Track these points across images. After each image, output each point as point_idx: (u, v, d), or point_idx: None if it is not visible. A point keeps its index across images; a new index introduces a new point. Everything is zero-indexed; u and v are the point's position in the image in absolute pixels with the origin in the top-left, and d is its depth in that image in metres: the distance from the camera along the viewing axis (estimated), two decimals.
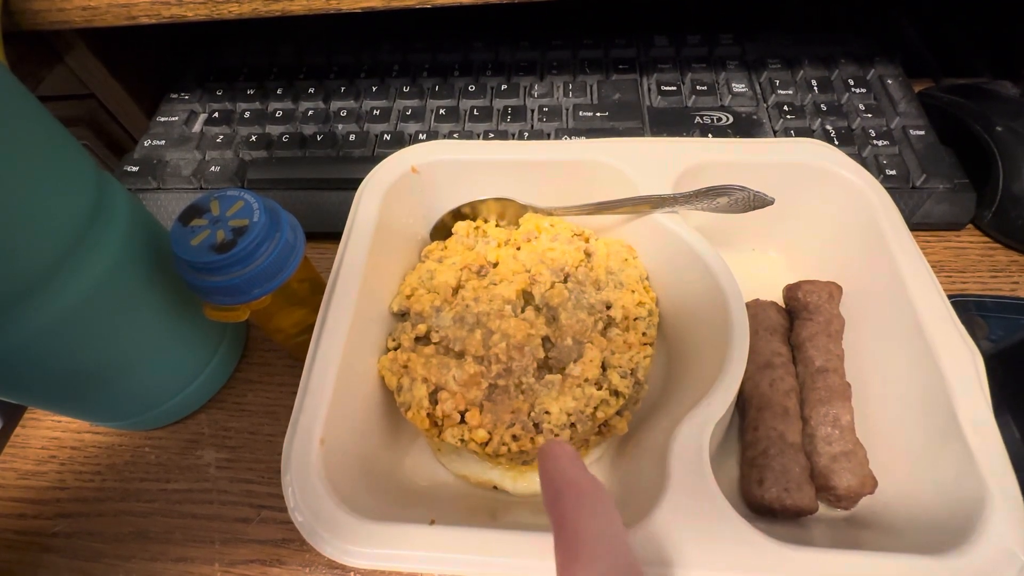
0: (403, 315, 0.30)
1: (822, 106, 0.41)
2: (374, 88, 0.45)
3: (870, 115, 0.40)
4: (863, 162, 0.38)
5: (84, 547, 0.30)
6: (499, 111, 0.43)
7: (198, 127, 0.45)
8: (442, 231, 0.34)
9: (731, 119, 0.41)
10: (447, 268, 0.31)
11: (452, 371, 0.27)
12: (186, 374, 0.32)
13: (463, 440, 0.26)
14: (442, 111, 0.43)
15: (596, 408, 0.26)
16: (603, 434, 0.27)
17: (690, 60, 0.46)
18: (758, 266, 0.35)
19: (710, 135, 0.40)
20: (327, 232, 0.38)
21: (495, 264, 0.31)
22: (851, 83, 0.42)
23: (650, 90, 0.44)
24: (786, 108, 0.41)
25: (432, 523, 0.22)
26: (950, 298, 0.26)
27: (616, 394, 0.27)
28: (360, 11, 0.37)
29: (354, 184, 0.32)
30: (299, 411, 0.24)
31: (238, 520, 0.30)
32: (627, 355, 0.28)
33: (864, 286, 0.30)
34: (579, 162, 0.32)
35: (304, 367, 0.25)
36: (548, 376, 0.27)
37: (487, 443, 0.26)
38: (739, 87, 0.43)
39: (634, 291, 0.30)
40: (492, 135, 0.42)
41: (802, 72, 0.44)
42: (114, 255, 0.25)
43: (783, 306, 0.33)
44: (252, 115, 0.44)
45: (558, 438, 0.25)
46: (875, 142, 0.39)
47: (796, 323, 0.31)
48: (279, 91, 0.46)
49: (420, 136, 0.42)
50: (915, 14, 0.51)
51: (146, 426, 0.33)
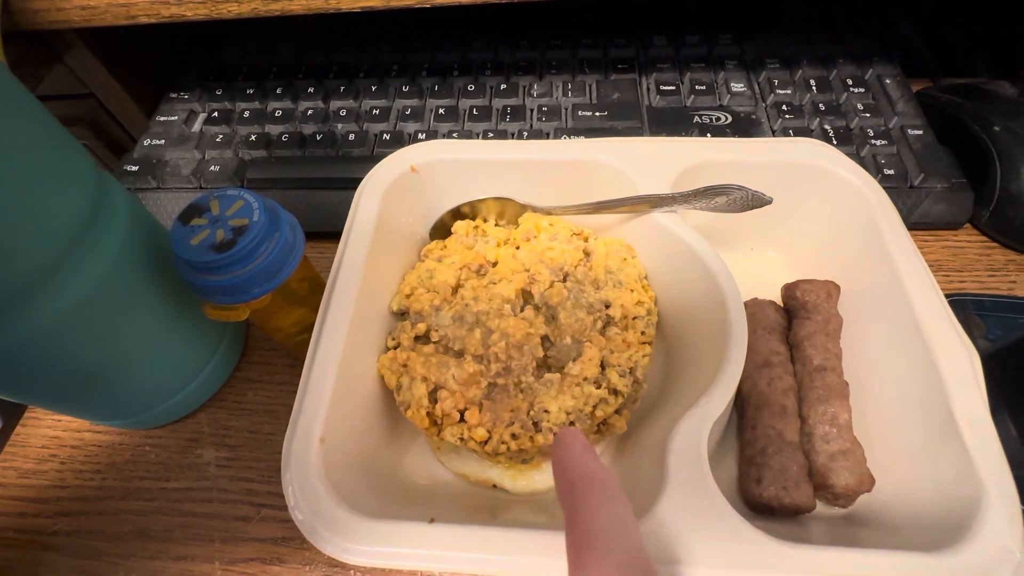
0: (403, 314, 0.30)
1: (820, 106, 0.41)
2: (373, 87, 0.45)
3: (868, 115, 0.40)
4: (861, 162, 0.38)
5: (84, 545, 0.30)
6: (498, 111, 0.43)
7: (198, 126, 0.45)
8: (441, 230, 0.34)
9: (730, 119, 0.41)
10: (446, 267, 0.31)
11: (451, 370, 0.27)
12: (186, 373, 0.32)
13: (462, 439, 0.26)
14: (441, 111, 0.43)
15: (595, 407, 0.27)
16: (602, 433, 0.27)
17: (689, 60, 0.46)
18: (756, 265, 0.35)
19: (709, 135, 0.40)
20: (326, 231, 0.38)
21: (494, 263, 0.31)
22: (849, 83, 0.42)
23: (649, 90, 0.44)
24: (785, 108, 0.41)
25: (432, 521, 0.22)
26: (948, 297, 0.27)
27: (615, 393, 0.27)
28: (359, 10, 0.37)
29: (353, 183, 0.32)
30: (299, 410, 0.24)
31: (238, 518, 0.30)
32: (626, 354, 0.28)
33: (862, 285, 0.30)
34: (578, 162, 0.32)
35: (304, 366, 0.25)
36: (547, 375, 0.27)
37: (486, 442, 0.26)
38: (738, 87, 0.43)
39: (633, 290, 0.30)
40: (491, 135, 0.42)
41: (801, 72, 0.44)
42: (114, 255, 0.25)
43: (781, 305, 0.33)
44: (251, 114, 0.44)
45: (572, 427, 0.25)
46: (873, 142, 0.39)
47: (794, 322, 0.31)
48: (278, 91, 0.46)
49: (419, 135, 0.42)
50: (914, 14, 0.51)
51: (146, 425, 0.33)
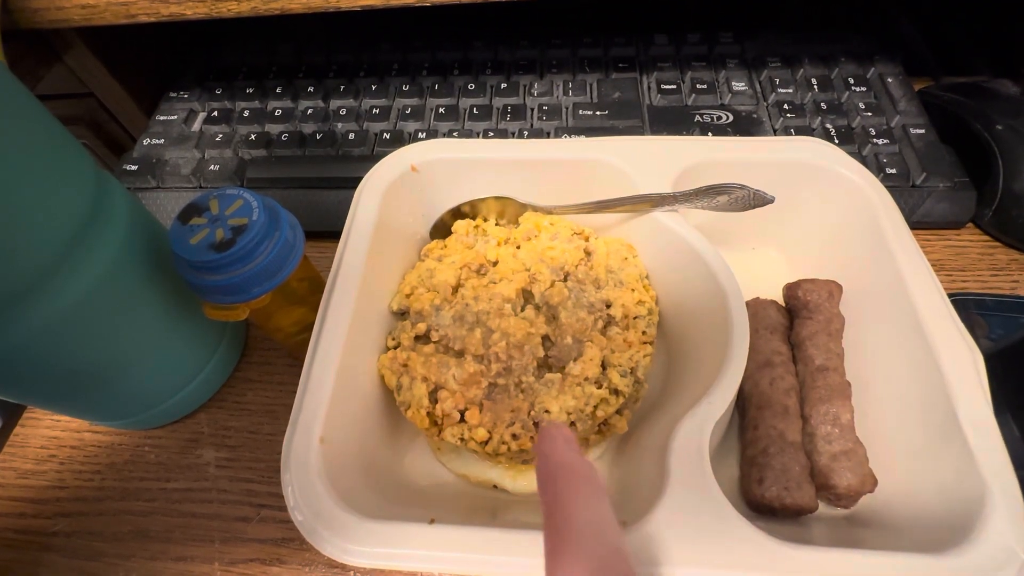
0: (403, 314, 0.30)
1: (822, 104, 0.41)
2: (373, 87, 0.45)
3: (870, 113, 0.40)
4: (863, 161, 0.38)
5: (84, 546, 0.30)
6: (499, 110, 0.43)
7: (197, 126, 0.45)
8: (442, 230, 0.34)
9: (731, 118, 0.41)
10: (447, 267, 0.31)
11: (452, 370, 0.27)
12: (186, 373, 0.32)
13: (463, 439, 0.26)
14: (442, 110, 0.43)
15: (596, 407, 0.26)
16: (603, 433, 0.27)
17: (690, 59, 0.46)
18: (758, 265, 0.35)
19: (710, 134, 0.40)
20: (326, 231, 0.38)
21: (495, 263, 0.31)
22: (851, 82, 0.42)
23: (650, 89, 0.44)
24: (786, 107, 0.41)
25: (432, 522, 0.22)
26: (950, 297, 0.26)
27: (616, 393, 0.27)
28: (359, 9, 0.37)
29: (353, 183, 0.32)
30: (299, 410, 0.24)
31: (238, 519, 0.30)
32: (627, 354, 0.28)
33: (864, 285, 0.30)
34: (579, 161, 0.32)
35: (304, 366, 0.25)
36: (548, 375, 0.27)
37: (487, 442, 0.26)
38: (739, 86, 0.43)
39: (634, 290, 0.30)
40: (492, 134, 0.42)
41: (802, 71, 0.44)
42: (113, 254, 0.25)
43: (783, 305, 0.33)
44: (251, 114, 0.44)
45: (557, 422, 0.25)
46: (875, 140, 0.39)
47: (796, 322, 0.31)
48: (278, 90, 0.46)
49: (420, 135, 0.42)
50: (915, 13, 0.51)
51: (146, 425, 0.33)
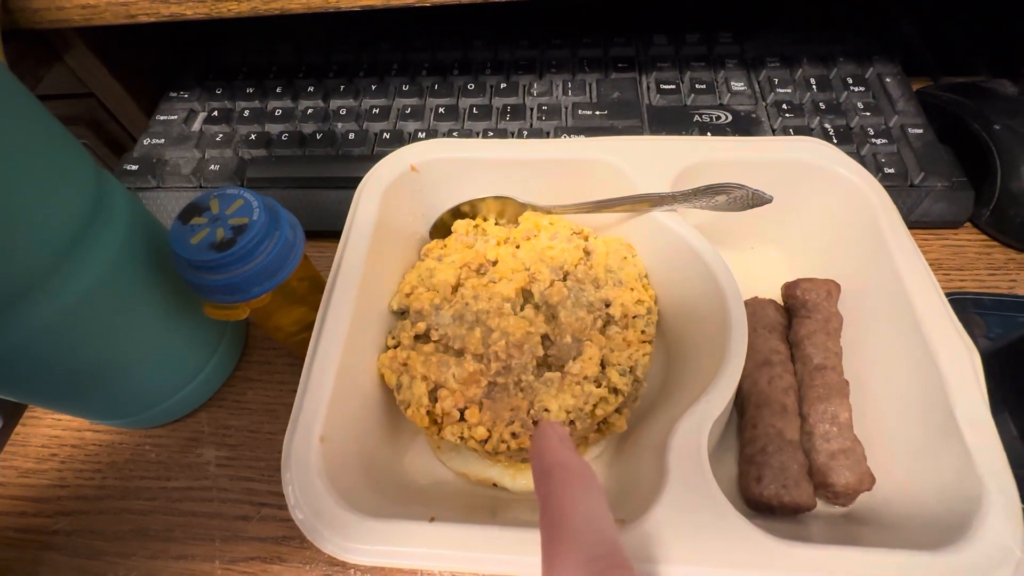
0: (403, 313, 0.30)
1: (821, 104, 0.41)
2: (373, 87, 0.45)
3: (869, 113, 0.40)
4: (862, 160, 0.38)
5: (85, 545, 0.30)
6: (498, 109, 0.43)
7: (197, 126, 0.45)
8: (441, 229, 0.34)
9: (730, 117, 0.41)
10: (446, 266, 0.31)
11: (452, 369, 0.27)
12: (186, 372, 0.32)
13: (463, 438, 0.26)
14: (441, 109, 0.43)
15: (595, 406, 0.27)
16: (602, 432, 0.27)
17: (689, 59, 0.46)
18: (757, 264, 0.35)
19: (709, 133, 0.40)
20: (326, 231, 0.38)
21: (494, 262, 0.31)
22: (850, 81, 0.42)
23: (649, 89, 0.44)
24: (785, 106, 0.41)
25: (432, 520, 0.22)
26: (948, 296, 0.27)
27: (615, 392, 0.27)
28: (359, 9, 0.37)
29: (353, 183, 0.32)
30: (299, 409, 0.24)
31: (238, 518, 0.30)
32: (626, 353, 0.28)
33: (862, 284, 0.30)
34: (578, 160, 0.32)
35: (304, 365, 0.25)
36: (547, 374, 0.27)
37: (486, 441, 0.26)
38: (738, 86, 0.43)
39: (633, 289, 0.30)
40: (491, 133, 0.42)
41: (801, 71, 0.44)
42: (114, 254, 0.25)
43: (781, 304, 0.33)
44: (251, 114, 0.44)
45: (552, 420, 0.25)
46: (874, 140, 0.39)
47: (794, 321, 0.31)
48: (278, 90, 0.46)
49: (419, 135, 0.42)
50: (914, 13, 0.51)
51: (146, 424, 0.33)
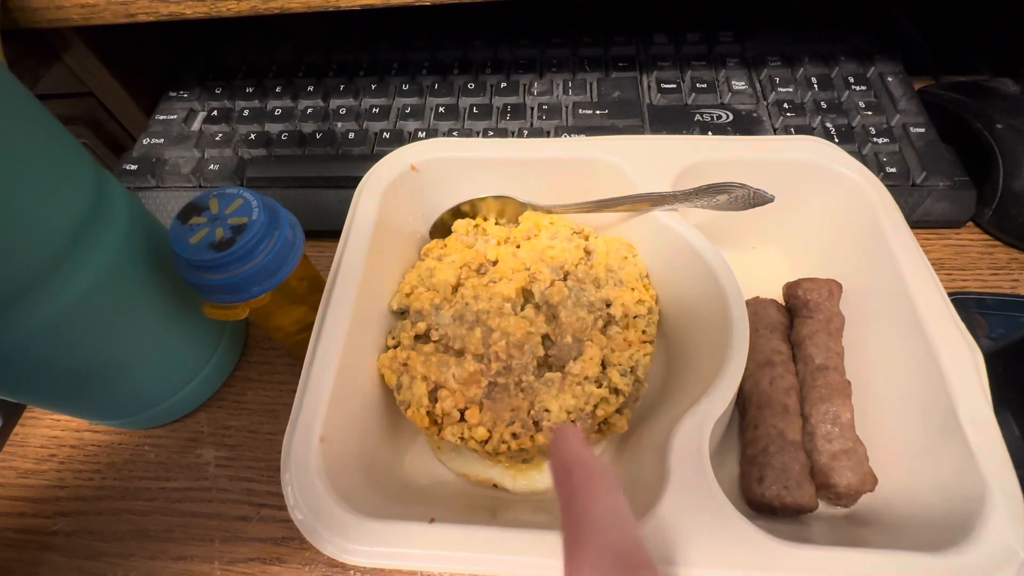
0: (403, 313, 0.30)
1: (822, 104, 0.41)
2: (373, 86, 0.45)
3: (870, 113, 0.40)
4: (863, 160, 0.38)
5: (84, 545, 0.30)
6: (499, 109, 0.43)
7: (197, 125, 0.45)
8: (441, 229, 0.34)
9: (731, 117, 0.41)
10: (447, 266, 0.31)
11: (452, 369, 0.27)
12: (185, 372, 0.32)
13: (463, 438, 0.26)
14: (441, 109, 0.43)
15: (596, 406, 0.26)
16: (603, 432, 0.27)
17: (690, 58, 0.45)
18: (758, 264, 0.35)
19: (710, 133, 0.40)
20: (326, 230, 0.38)
21: (495, 262, 0.31)
22: (851, 81, 0.42)
23: (650, 88, 0.44)
24: (786, 106, 0.41)
25: (432, 521, 0.22)
26: (950, 296, 0.26)
27: (616, 392, 0.27)
28: (359, 8, 0.37)
29: (353, 182, 0.32)
30: (299, 409, 0.24)
31: (238, 518, 0.30)
32: (627, 353, 0.28)
33: (864, 284, 0.30)
34: (579, 160, 0.32)
35: (304, 365, 0.25)
36: (548, 374, 0.27)
37: (487, 441, 0.26)
38: (739, 85, 0.43)
39: (634, 289, 0.30)
40: (492, 133, 0.42)
41: (802, 70, 0.43)
42: (113, 253, 0.25)
43: (783, 304, 0.33)
44: (251, 113, 0.44)
45: (570, 423, 0.25)
46: (875, 140, 0.39)
47: (796, 321, 0.31)
48: (278, 89, 0.46)
49: (419, 134, 0.42)
50: (915, 12, 0.51)
51: (145, 424, 0.33)
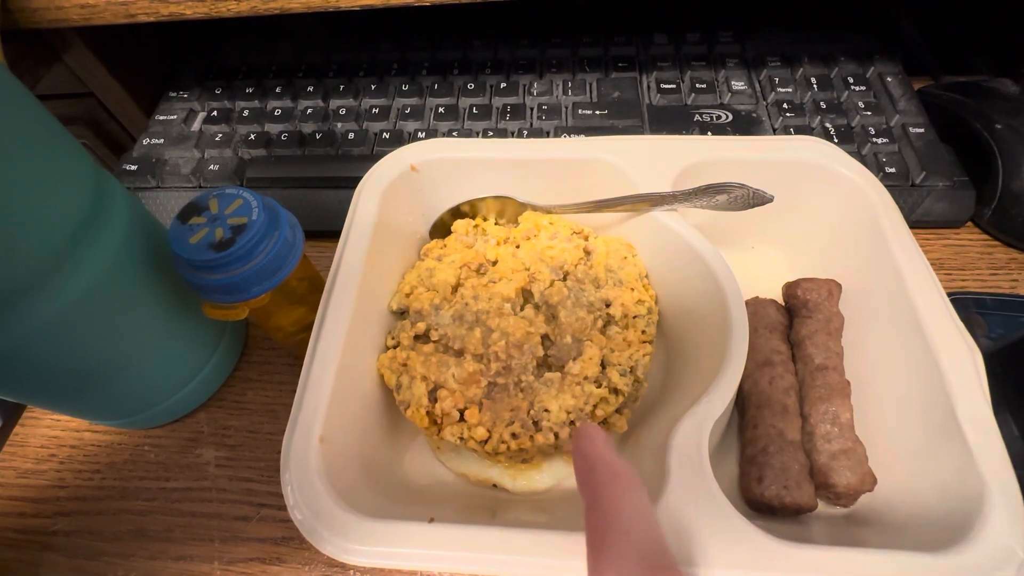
0: (402, 313, 0.30)
1: (822, 104, 0.41)
2: (373, 86, 0.45)
3: (870, 113, 0.40)
4: (863, 160, 0.38)
5: (84, 545, 0.30)
6: (498, 109, 0.43)
7: (197, 125, 0.45)
8: (441, 229, 0.34)
9: (731, 117, 0.41)
10: (446, 266, 0.31)
11: (451, 369, 0.27)
12: (185, 372, 0.32)
13: (462, 438, 0.26)
14: (441, 109, 0.43)
15: (595, 406, 0.26)
16: None
17: (689, 58, 0.45)
18: (757, 264, 0.35)
19: (709, 133, 0.40)
20: (326, 230, 0.38)
21: (494, 262, 0.31)
22: (851, 81, 0.42)
23: (649, 88, 0.44)
24: (786, 106, 0.41)
25: (431, 521, 0.22)
26: (949, 296, 0.26)
27: (615, 392, 0.27)
28: (359, 9, 0.37)
29: (353, 182, 0.32)
30: (298, 409, 0.24)
31: (237, 518, 0.30)
32: (626, 353, 0.28)
33: (864, 284, 0.30)
34: (578, 160, 0.32)
35: (303, 365, 0.25)
36: (547, 374, 0.27)
37: (486, 441, 0.26)
38: (739, 85, 0.43)
39: (633, 289, 0.30)
40: (491, 133, 0.42)
41: (802, 70, 0.43)
42: (113, 253, 0.25)
43: (782, 304, 0.33)
44: (251, 113, 0.44)
45: (591, 423, 0.25)
46: (875, 140, 0.39)
47: (795, 321, 0.31)
48: (278, 89, 0.46)
49: (419, 134, 0.42)
50: (914, 12, 0.51)
51: (145, 424, 0.33)
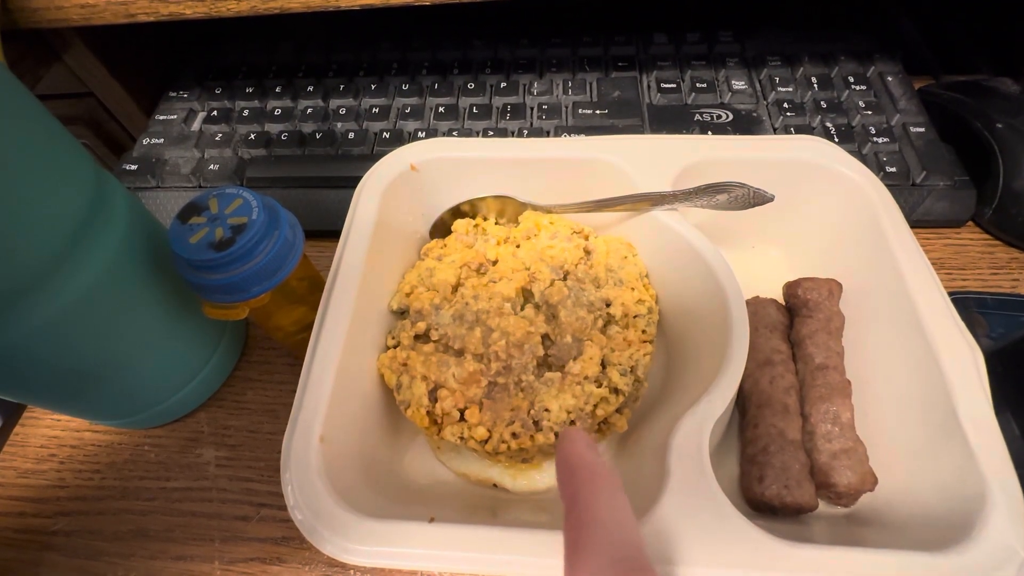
0: (402, 313, 0.30)
1: (822, 103, 0.41)
2: (373, 86, 0.45)
3: (870, 112, 0.40)
4: (863, 159, 0.37)
5: (84, 545, 0.30)
6: (498, 109, 0.43)
7: (197, 125, 0.45)
8: (441, 229, 0.34)
9: (731, 116, 0.41)
10: (446, 266, 0.31)
11: (452, 369, 0.27)
12: (185, 372, 0.32)
13: (463, 438, 0.26)
14: (441, 109, 0.43)
15: (596, 406, 0.26)
16: (603, 432, 0.27)
17: (690, 57, 0.45)
18: (758, 263, 0.35)
19: (710, 132, 0.40)
20: (326, 230, 0.38)
21: (494, 262, 0.31)
22: (851, 80, 0.42)
23: (650, 88, 0.44)
24: (786, 105, 0.41)
25: (432, 521, 0.22)
26: (950, 295, 0.26)
27: (616, 392, 0.27)
28: (359, 8, 0.37)
29: (353, 182, 0.32)
30: (298, 409, 0.24)
31: (238, 518, 0.30)
32: (627, 353, 0.28)
33: (864, 283, 0.30)
34: (579, 159, 0.32)
35: (303, 365, 0.25)
36: (548, 374, 0.27)
37: (486, 441, 0.26)
38: (739, 84, 0.43)
39: (634, 288, 0.30)
40: (491, 133, 0.42)
41: (802, 69, 0.43)
42: (113, 253, 0.25)
43: (783, 303, 0.33)
44: (251, 113, 0.44)
45: (576, 426, 0.25)
46: (875, 139, 0.39)
47: (796, 320, 0.31)
48: (278, 89, 0.46)
49: (419, 134, 0.42)
50: (915, 11, 0.51)
51: (145, 424, 0.33)
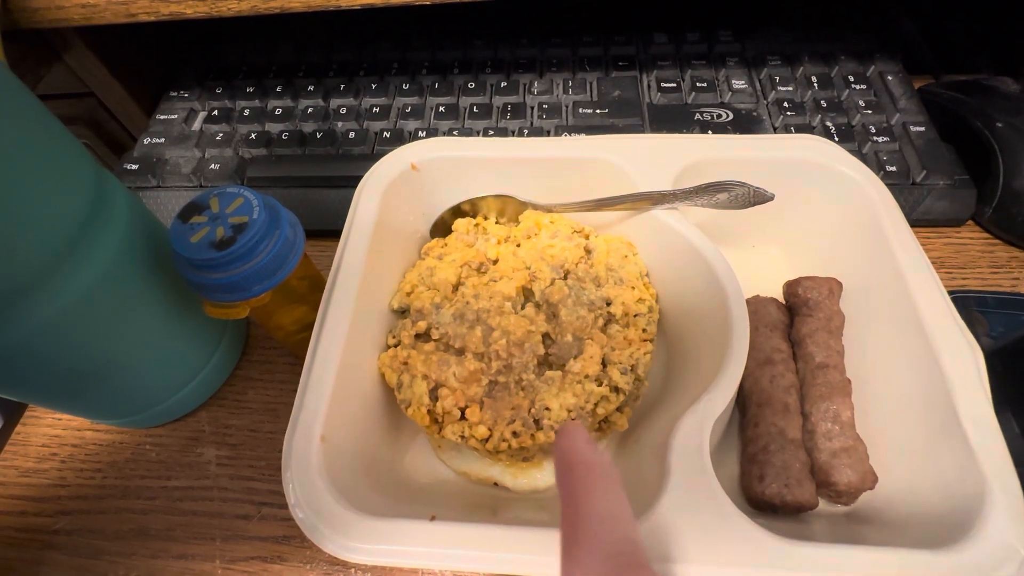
0: (403, 312, 0.30)
1: (822, 102, 0.41)
2: (374, 86, 0.45)
3: (870, 111, 0.40)
4: (863, 158, 0.38)
5: (85, 544, 0.30)
6: (499, 108, 0.43)
7: (198, 125, 0.45)
8: (442, 228, 0.34)
9: (731, 116, 0.41)
10: (447, 265, 0.31)
11: (452, 368, 0.27)
12: (186, 371, 0.32)
13: (463, 437, 0.26)
14: (442, 108, 0.43)
15: (596, 404, 0.27)
16: (603, 431, 0.27)
17: (690, 57, 0.45)
18: (758, 262, 0.35)
19: (710, 132, 0.40)
20: (327, 230, 0.38)
21: (495, 261, 0.31)
22: (851, 79, 0.42)
23: (650, 87, 0.44)
24: (786, 105, 0.41)
25: (432, 519, 0.22)
26: (950, 294, 0.26)
27: (616, 390, 0.27)
28: (359, 8, 0.37)
29: (354, 182, 0.32)
30: (299, 408, 0.24)
31: (239, 517, 0.30)
32: (627, 351, 0.28)
33: (864, 282, 0.30)
34: (579, 159, 0.32)
35: (304, 364, 0.25)
36: (548, 373, 0.27)
37: (487, 439, 0.26)
38: (739, 84, 0.43)
39: (634, 287, 0.30)
40: (492, 132, 0.42)
41: (802, 69, 0.43)
42: (114, 253, 0.25)
43: (783, 302, 0.33)
44: (251, 113, 0.44)
45: (575, 421, 0.26)
46: (875, 138, 0.39)
47: (796, 319, 0.31)
48: (278, 89, 0.46)
49: (420, 133, 0.42)
50: (915, 11, 0.51)
51: (147, 423, 0.33)
